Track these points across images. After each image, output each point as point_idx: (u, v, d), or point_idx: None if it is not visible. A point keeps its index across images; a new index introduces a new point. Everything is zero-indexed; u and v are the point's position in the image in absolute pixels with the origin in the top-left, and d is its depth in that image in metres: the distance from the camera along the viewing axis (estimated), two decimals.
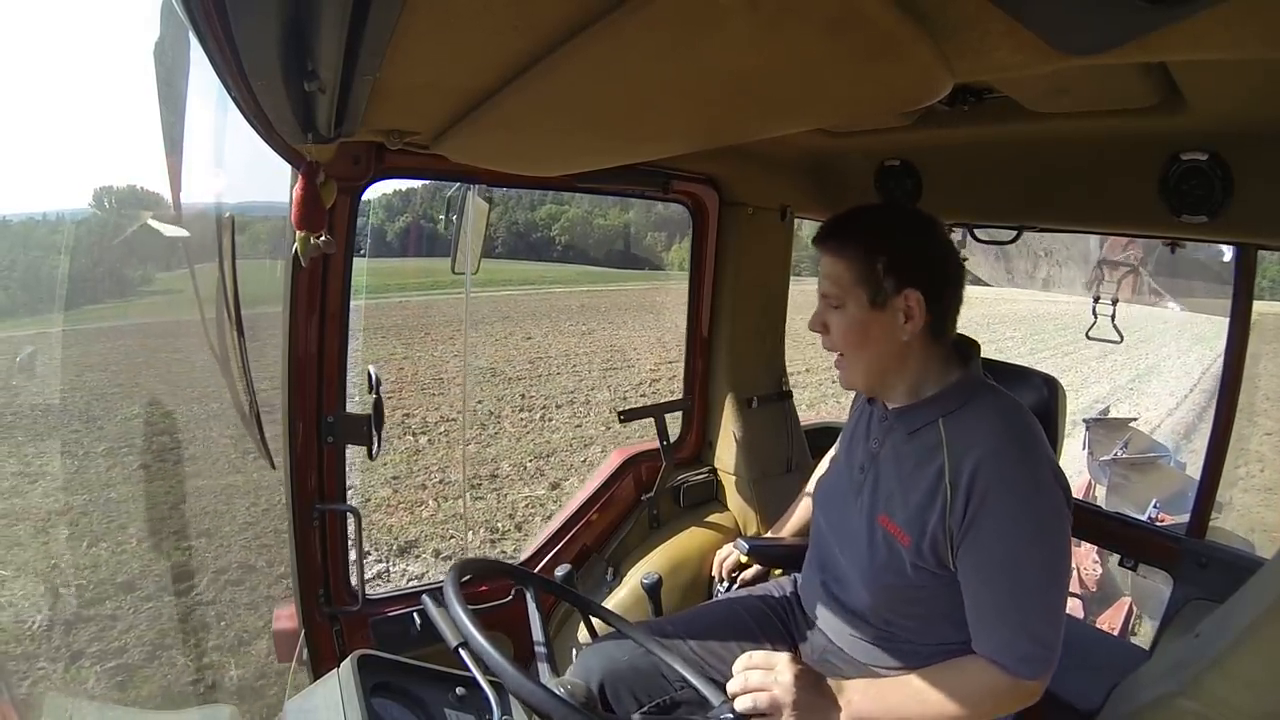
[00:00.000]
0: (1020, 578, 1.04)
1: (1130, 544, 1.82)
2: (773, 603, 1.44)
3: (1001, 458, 1.05)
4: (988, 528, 1.04)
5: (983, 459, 1.04)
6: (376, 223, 36.89)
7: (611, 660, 1.28)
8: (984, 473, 1.04)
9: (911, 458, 1.14)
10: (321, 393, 1.49)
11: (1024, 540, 1.04)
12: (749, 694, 1.03)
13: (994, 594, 1.06)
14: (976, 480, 1.04)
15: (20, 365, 8.54)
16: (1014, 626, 1.04)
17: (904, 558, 1.12)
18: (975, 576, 1.07)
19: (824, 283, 1.17)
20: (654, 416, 2.04)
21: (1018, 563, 1.04)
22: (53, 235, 12.73)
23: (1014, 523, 1.03)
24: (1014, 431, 1.08)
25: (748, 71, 0.75)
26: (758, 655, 1.07)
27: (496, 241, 46.88)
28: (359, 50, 0.61)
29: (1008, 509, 1.03)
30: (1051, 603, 1.06)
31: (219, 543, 4.73)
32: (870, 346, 1.16)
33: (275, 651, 1.63)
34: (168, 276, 12.22)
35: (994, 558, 1.05)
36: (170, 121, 1.05)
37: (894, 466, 1.17)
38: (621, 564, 1.99)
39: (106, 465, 6.12)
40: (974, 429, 1.09)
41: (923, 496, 1.10)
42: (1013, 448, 1.06)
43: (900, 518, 1.13)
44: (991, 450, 1.05)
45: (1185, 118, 1.19)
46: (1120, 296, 1.95)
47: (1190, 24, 0.56)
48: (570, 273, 35.59)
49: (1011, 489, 1.03)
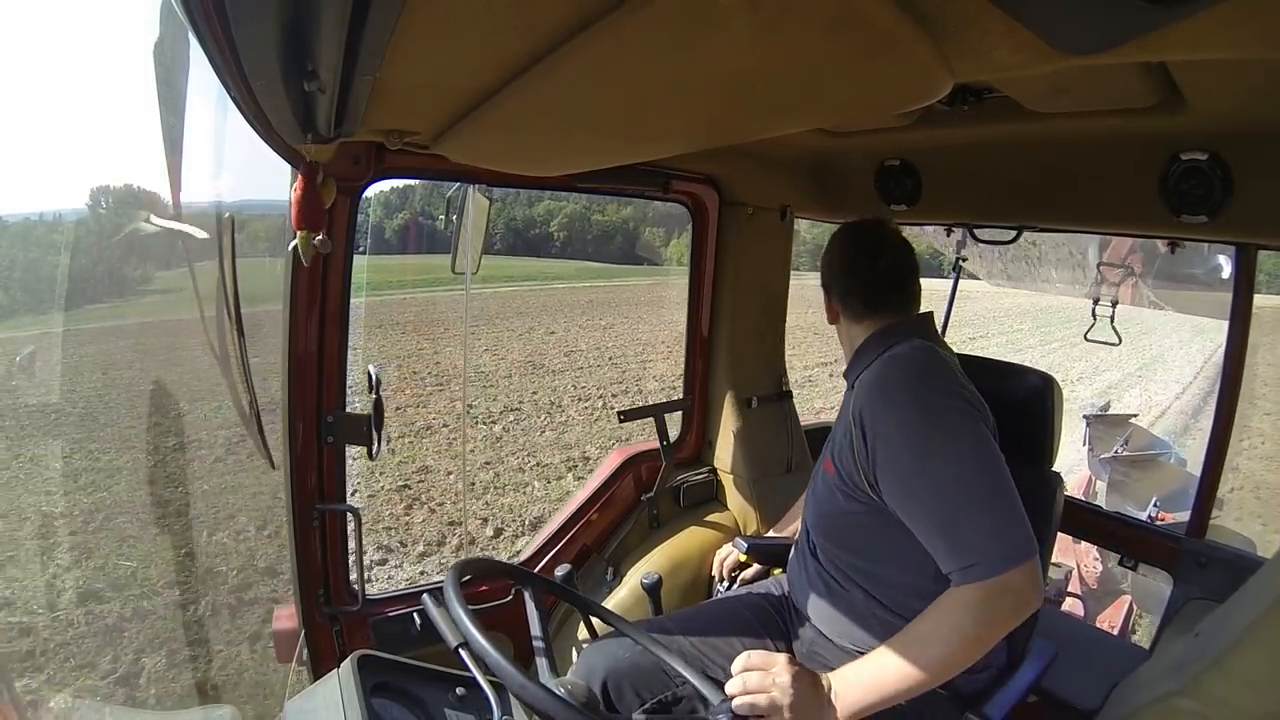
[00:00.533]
0: (933, 489, 1.08)
1: (1130, 543, 1.82)
2: (771, 600, 1.45)
3: (881, 392, 1.18)
4: (885, 457, 1.14)
5: (869, 397, 1.18)
6: (376, 220, 36.85)
7: (614, 658, 1.29)
8: (869, 408, 1.17)
9: (845, 412, 1.30)
10: (321, 393, 1.49)
11: (920, 454, 1.11)
12: (748, 695, 1.03)
13: (924, 513, 1.10)
14: (864, 416, 1.17)
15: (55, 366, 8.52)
16: (953, 535, 1.06)
17: (833, 486, 1.25)
18: (901, 501, 1.13)
19: None
20: (654, 416, 2.04)
21: (924, 475, 1.10)
22: (52, 234, 12.69)
23: (904, 444, 1.12)
24: (896, 368, 1.21)
25: (748, 71, 0.75)
26: (756, 656, 1.07)
27: (495, 238, 47.16)
28: (359, 50, 0.61)
29: (895, 430, 1.13)
30: (976, 498, 1.07)
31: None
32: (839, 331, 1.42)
33: (275, 651, 1.63)
34: (170, 275, 12.28)
35: (903, 481, 1.12)
36: (170, 122, 1.05)
37: (838, 420, 1.36)
38: (621, 564, 1.99)
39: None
40: (871, 376, 1.23)
41: (842, 441, 1.25)
42: (894, 383, 1.19)
43: (835, 459, 1.27)
44: (874, 387, 1.19)
45: (1185, 118, 1.19)
46: (1119, 300, 1.95)
47: (1190, 24, 0.56)
48: (571, 269, 35.61)
49: (891, 417, 1.14)
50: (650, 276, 30.64)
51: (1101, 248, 3.02)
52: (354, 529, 1.56)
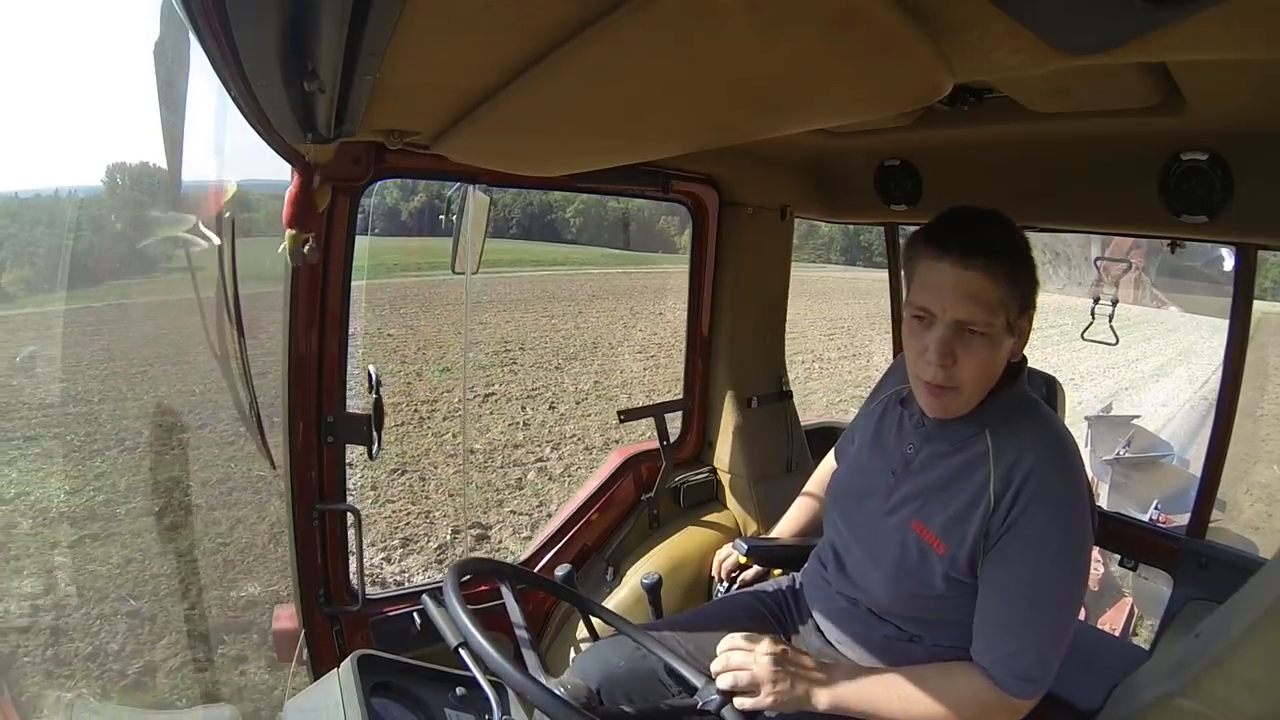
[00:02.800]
0: (1040, 593, 1.02)
1: (1130, 544, 1.82)
2: (766, 599, 1.44)
3: (1047, 470, 1.03)
4: (1021, 537, 1.02)
5: (1031, 470, 1.02)
6: (392, 203, 36.83)
7: (607, 664, 1.28)
8: (1030, 483, 1.02)
9: (955, 468, 1.11)
10: (321, 392, 1.49)
11: (1052, 555, 1.02)
12: (729, 672, 1.05)
13: (1009, 605, 1.04)
14: (1022, 491, 1.02)
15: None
16: (1020, 641, 1.03)
17: (936, 567, 1.09)
18: (996, 583, 1.05)
19: (963, 304, 1.01)
20: (654, 416, 2.04)
21: (1042, 577, 1.02)
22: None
23: (1047, 535, 1.01)
24: (1060, 445, 1.06)
25: (748, 72, 0.75)
26: (739, 636, 1.08)
27: (512, 222, 47.30)
28: (359, 50, 0.61)
29: (1045, 521, 1.01)
30: (1062, 625, 1.04)
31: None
32: (995, 374, 1.07)
33: (275, 651, 1.63)
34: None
35: (1020, 568, 1.03)
36: (171, 121, 1.05)
37: (934, 475, 1.13)
38: (621, 564, 1.99)
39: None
40: (1021, 441, 1.06)
41: (963, 507, 1.07)
42: (1058, 460, 1.04)
43: (937, 526, 1.09)
44: (1039, 461, 1.03)
45: (1185, 118, 1.19)
46: (1121, 298, 1.94)
47: (1190, 24, 0.56)
48: (596, 255, 35.57)
49: (1052, 501, 1.02)
50: (673, 264, 30.16)
51: (1103, 245, 3.01)
52: (354, 528, 1.56)
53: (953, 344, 1.03)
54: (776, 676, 1.03)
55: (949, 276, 1.01)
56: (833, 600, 1.28)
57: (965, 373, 1.04)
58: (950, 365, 1.03)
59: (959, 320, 1.02)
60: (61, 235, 12.05)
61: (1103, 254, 2.90)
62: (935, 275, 1.03)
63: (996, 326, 1.02)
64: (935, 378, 1.05)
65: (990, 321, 1.02)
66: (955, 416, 1.11)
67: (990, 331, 1.02)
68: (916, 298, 1.06)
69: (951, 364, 1.03)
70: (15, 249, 12.00)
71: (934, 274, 1.03)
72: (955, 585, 1.08)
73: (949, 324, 1.03)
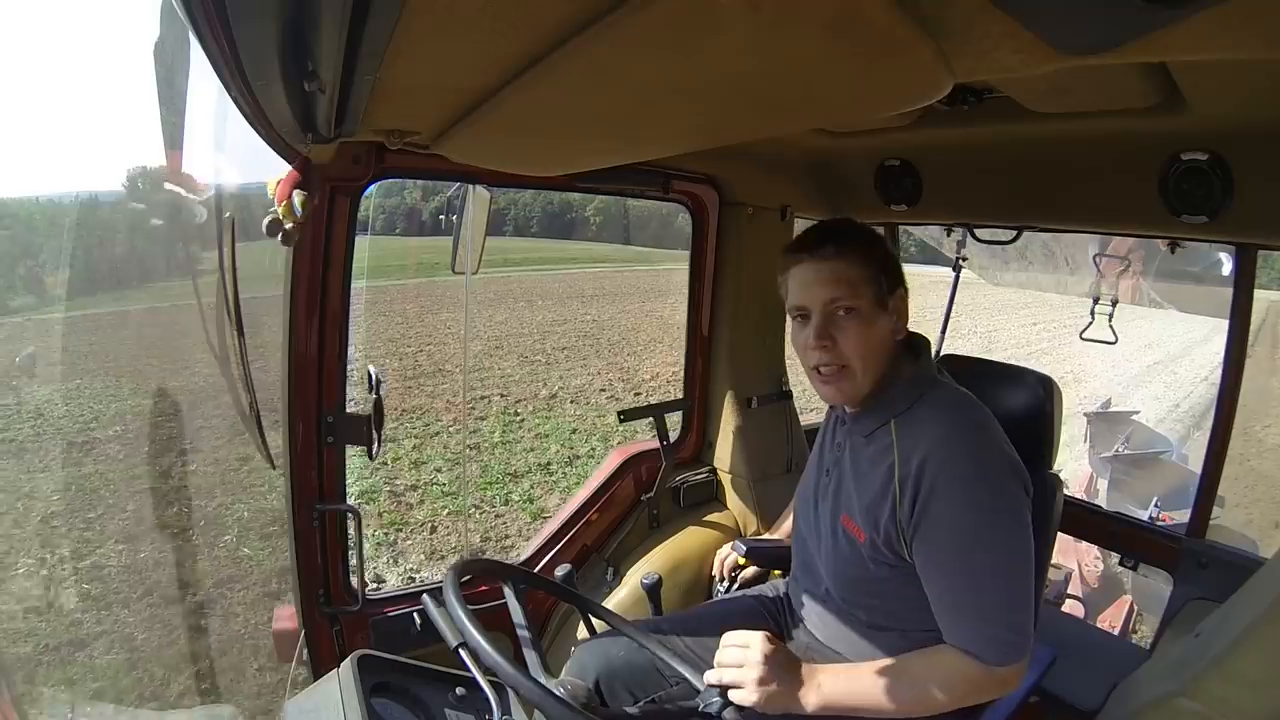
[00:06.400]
0: (978, 565, 1.05)
1: (1130, 543, 1.82)
2: (766, 602, 1.45)
3: (946, 451, 1.07)
4: (936, 520, 1.06)
5: (928, 454, 1.07)
6: (412, 203, 36.74)
7: (607, 657, 1.29)
8: (929, 467, 1.06)
9: (866, 460, 1.18)
10: (321, 393, 1.49)
11: (974, 529, 1.05)
12: (722, 669, 1.07)
13: (950, 584, 1.08)
14: (923, 476, 1.06)
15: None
16: (978, 614, 1.06)
17: (862, 553, 1.16)
18: (931, 569, 1.09)
19: (826, 288, 1.12)
20: (654, 416, 2.04)
21: (971, 551, 1.05)
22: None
23: (961, 512, 1.05)
24: (960, 425, 1.10)
25: (748, 72, 0.75)
26: (735, 635, 1.09)
27: (532, 220, 47.35)
28: (359, 50, 0.61)
29: (957, 497, 1.05)
30: (1013, 588, 1.06)
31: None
32: (877, 351, 1.14)
33: (275, 651, 1.62)
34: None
35: (945, 549, 1.07)
36: (171, 121, 1.05)
37: (852, 468, 1.21)
38: (621, 564, 1.99)
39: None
40: (921, 427, 1.11)
41: (875, 497, 1.13)
42: (957, 441, 1.08)
43: (858, 517, 1.17)
44: (936, 445, 1.07)
45: (1185, 118, 1.19)
46: (1120, 298, 1.95)
47: (1190, 24, 0.56)
48: (627, 252, 35.76)
49: (956, 480, 1.05)
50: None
51: (1102, 245, 3.01)
52: (354, 529, 1.56)
53: (828, 326, 1.13)
54: (766, 675, 1.04)
55: (810, 270, 1.14)
56: (810, 597, 1.33)
57: (846, 349, 1.12)
58: (831, 346, 1.12)
59: (827, 302, 1.12)
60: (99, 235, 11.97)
61: (1101, 251, 2.89)
62: (799, 274, 1.15)
63: (864, 301, 1.11)
64: (820, 360, 1.14)
65: (855, 296, 1.11)
66: (855, 401, 1.18)
67: (859, 306, 1.11)
68: (791, 301, 1.18)
69: (831, 345, 1.12)
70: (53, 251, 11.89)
71: (798, 274, 1.15)
72: (884, 568, 1.14)
73: (820, 310, 1.13)
